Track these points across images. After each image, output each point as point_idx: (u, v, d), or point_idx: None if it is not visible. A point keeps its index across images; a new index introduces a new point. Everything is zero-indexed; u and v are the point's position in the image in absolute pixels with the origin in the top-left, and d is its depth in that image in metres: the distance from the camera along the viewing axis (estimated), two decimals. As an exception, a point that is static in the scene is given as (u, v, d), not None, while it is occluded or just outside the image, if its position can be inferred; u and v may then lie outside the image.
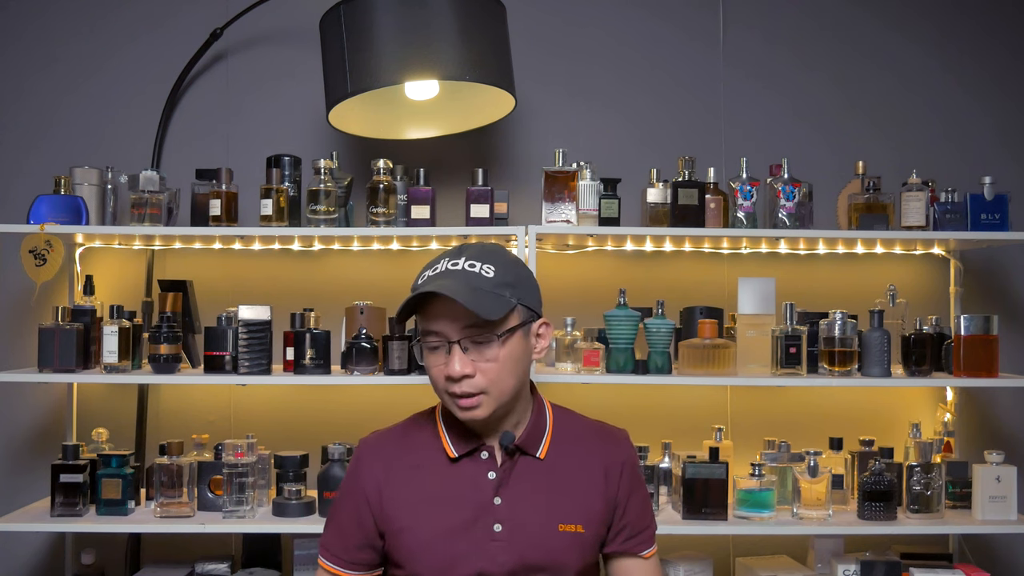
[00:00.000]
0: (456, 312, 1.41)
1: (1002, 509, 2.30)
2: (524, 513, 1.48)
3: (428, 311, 1.45)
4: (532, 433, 1.53)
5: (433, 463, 1.51)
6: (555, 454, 1.54)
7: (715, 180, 2.40)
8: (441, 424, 1.54)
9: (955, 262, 2.60)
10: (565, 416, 1.60)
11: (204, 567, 2.37)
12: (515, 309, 1.45)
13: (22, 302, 2.57)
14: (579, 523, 1.50)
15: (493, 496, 1.48)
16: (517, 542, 1.47)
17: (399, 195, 2.39)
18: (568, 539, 1.49)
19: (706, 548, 2.48)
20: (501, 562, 1.46)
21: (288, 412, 2.60)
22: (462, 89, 2.33)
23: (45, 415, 2.62)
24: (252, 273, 2.62)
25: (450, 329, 1.43)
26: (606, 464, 1.55)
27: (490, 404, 1.45)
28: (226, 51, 2.68)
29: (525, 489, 1.50)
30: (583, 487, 1.53)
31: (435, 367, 1.46)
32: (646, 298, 2.40)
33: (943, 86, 2.73)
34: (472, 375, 1.43)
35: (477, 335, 1.43)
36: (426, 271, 1.48)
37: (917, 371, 2.31)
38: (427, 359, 1.47)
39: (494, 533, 1.47)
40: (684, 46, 2.72)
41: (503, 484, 1.49)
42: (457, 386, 1.43)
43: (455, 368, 1.42)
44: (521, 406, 1.53)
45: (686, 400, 2.60)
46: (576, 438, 1.57)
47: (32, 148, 2.65)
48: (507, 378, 1.45)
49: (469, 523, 1.47)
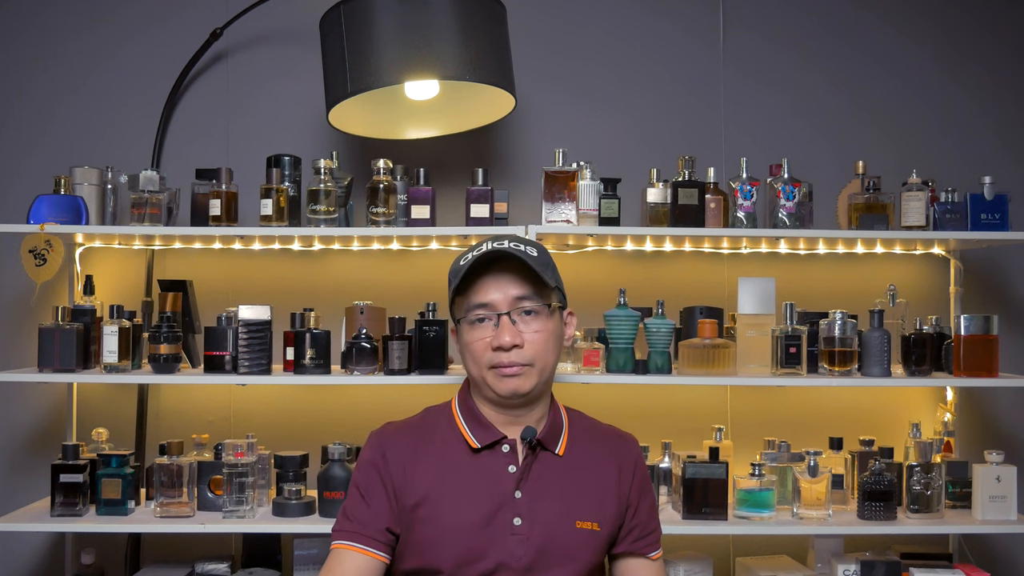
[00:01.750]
0: (509, 282, 1.50)
1: (1002, 509, 2.30)
2: (544, 508, 1.50)
3: (477, 285, 1.51)
4: (552, 429, 1.56)
5: (454, 455, 1.53)
6: (572, 452, 1.56)
7: (715, 180, 2.40)
8: (460, 417, 1.56)
9: (955, 262, 2.60)
10: (578, 417, 1.64)
11: (204, 567, 2.37)
12: (555, 290, 1.55)
13: (22, 302, 2.57)
14: (595, 521, 1.52)
15: (514, 490, 1.50)
16: (536, 536, 1.48)
17: (399, 195, 2.39)
18: (584, 536, 1.50)
19: (706, 548, 2.48)
20: (519, 556, 1.47)
21: (288, 412, 2.60)
22: (462, 89, 2.33)
23: (45, 415, 2.62)
24: (252, 273, 2.62)
25: (501, 300, 1.50)
26: (620, 465, 1.58)
27: (532, 377, 1.50)
28: (226, 51, 2.68)
29: (545, 484, 1.51)
30: (599, 486, 1.55)
31: (479, 340, 1.51)
32: (646, 298, 2.40)
33: (943, 86, 2.73)
34: (521, 345, 1.49)
35: (528, 306, 1.51)
36: (469, 253, 1.54)
37: (917, 371, 2.31)
38: (470, 333, 1.52)
39: (514, 527, 1.48)
40: (684, 46, 2.72)
41: (524, 478, 1.51)
42: (506, 355, 1.49)
43: (504, 338, 1.48)
44: (545, 400, 1.57)
45: (686, 400, 2.61)
46: (591, 438, 1.60)
47: (32, 148, 2.65)
48: (550, 353, 1.53)
49: (490, 516, 1.48)
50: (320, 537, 2.35)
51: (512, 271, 1.51)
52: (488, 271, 1.51)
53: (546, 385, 1.55)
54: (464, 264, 1.52)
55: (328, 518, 2.25)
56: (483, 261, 1.51)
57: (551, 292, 1.55)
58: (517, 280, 1.51)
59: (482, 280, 1.51)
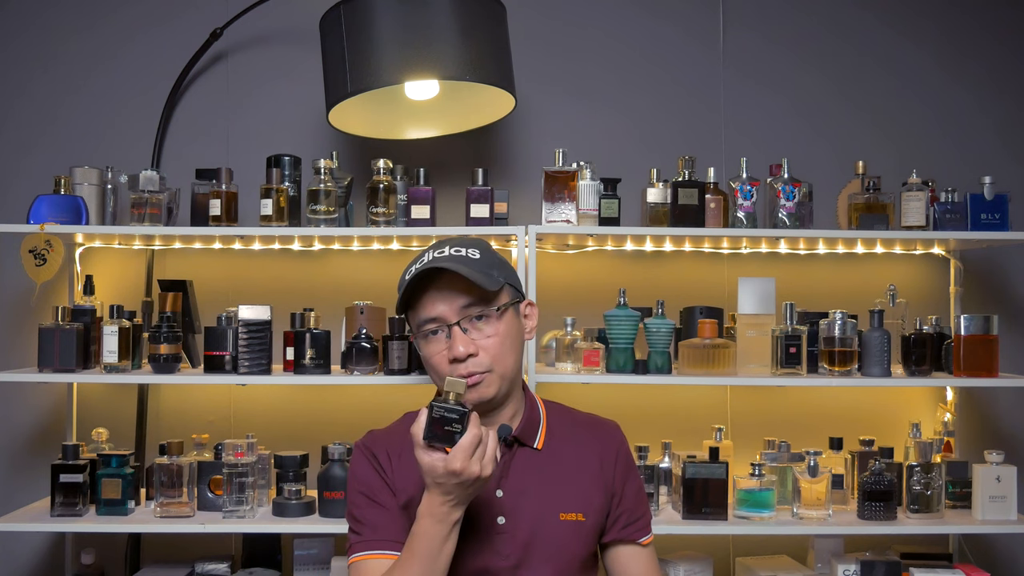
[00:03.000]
0: (453, 293, 1.47)
1: (1002, 509, 2.30)
2: (527, 504, 1.49)
3: (423, 300, 1.49)
4: (528, 425, 1.55)
5: None
6: (551, 445, 1.55)
7: (715, 180, 2.40)
8: None
9: (955, 262, 2.60)
10: (556, 409, 1.62)
11: (204, 567, 2.37)
12: (504, 287, 1.51)
13: (22, 302, 2.57)
14: (580, 512, 1.51)
15: (495, 489, 1.49)
16: (521, 533, 1.48)
17: (399, 195, 2.39)
18: (571, 528, 1.50)
19: (706, 548, 2.48)
20: (506, 554, 1.47)
21: (288, 412, 2.60)
22: (462, 89, 2.33)
23: (45, 415, 2.62)
24: (252, 273, 2.62)
25: (448, 311, 1.47)
26: (601, 453, 1.57)
27: (495, 382, 1.48)
28: (226, 51, 2.68)
29: (526, 480, 1.51)
30: (581, 476, 1.54)
31: (437, 354, 1.49)
32: (646, 298, 2.40)
33: (943, 86, 2.73)
34: (476, 354, 1.47)
35: (476, 312, 1.48)
36: (412, 266, 1.51)
37: (917, 371, 2.31)
38: (427, 348, 1.50)
39: (498, 526, 1.48)
40: (684, 46, 2.72)
41: (504, 476, 1.50)
42: (463, 367, 1.46)
43: (458, 349, 1.46)
44: (516, 397, 1.56)
45: (686, 400, 2.61)
46: (570, 429, 1.59)
47: (32, 148, 2.65)
48: (508, 354, 1.49)
49: (473, 517, 1.47)
50: (320, 537, 2.35)
51: (456, 279, 1.47)
52: (432, 283, 1.48)
53: (512, 385, 1.53)
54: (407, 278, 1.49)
55: (328, 518, 2.25)
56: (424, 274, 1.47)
57: (499, 292, 1.50)
58: (461, 288, 1.46)
59: (428, 293, 1.48)
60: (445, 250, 1.50)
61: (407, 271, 1.51)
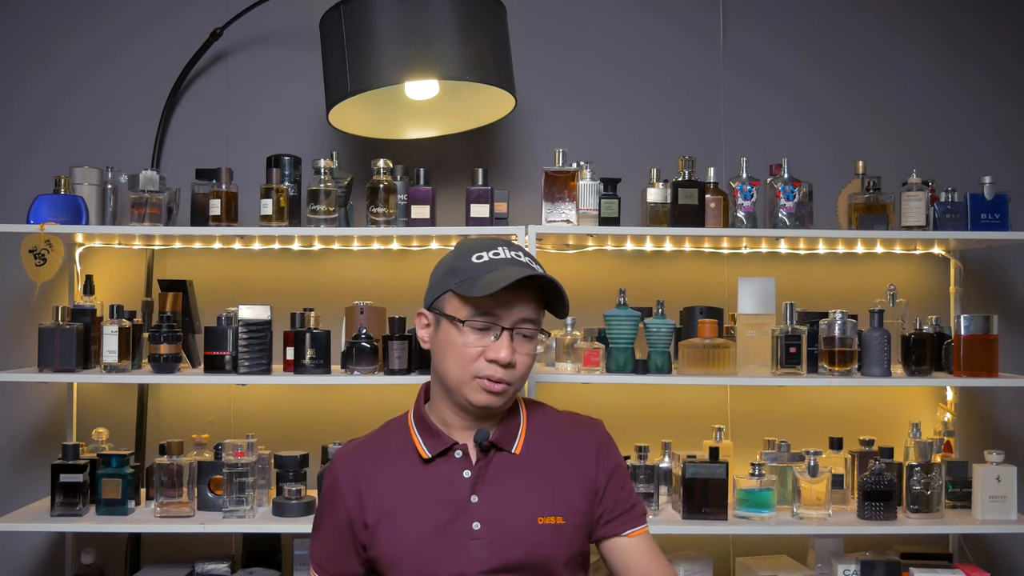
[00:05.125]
0: (524, 302, 1.47)
1: (1002, 509, 2.30)
2: (502, 509, 1.49)
3: (498, 295, 1.45)
4: (506, 430, 1.54)
5: (408, 467, 1.53)
6: (531, 449, 1.55)
7: (715, 180, 2.40)
8: (413, 427, 1.55)
9: (955, 262, 2.60)
10: (538, 410, 1.61)
11: (204, 567, 2.37)
12: None
13: (22, 302, 2.57)
14: (558, 515, 1.51)
15: (470, 494, 1.49)
16: (497, 539, 1.47)
17: (399, 195, 2.39)
18: (549, 532, 1.49)
19: (706, 548, 2.48)
20: (482, 560, 1.46)
21: (288, 412, 2.60)
22: (462, 89, 2.33)
23: (45, 415, 2.62)
24: (252, 273, 2.62)
25: (505, 316, 1.47)
26: (580, 452, 1.56)
27: (509, 395, 1.50)
28: (226, 51, 2.68)
29: (502, 485, 1.50)
30: (560, 478, 1.54)
31: (475, 346, 1.47)
32: (646, 298, 2.40)
33: (943, 86, 2.73)
34: (513, 365, 1.47)
35: (529, 330, 1.49)
36: (484, 253, 1.49)
37: (917, 371, 2.31)
38: (467, 337, 1.48)
39: (473, 531, 1.47)
40: (684, 46, 2.72)
41: (479, 482, 1.50)
42: (502, 372, 1.46)
43: (502, 353, 1.45)
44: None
45: (686, 400, 2.60)
46: (550, 431, 1.58)
47: (32, 148, 2.65)
48: (527, 375, 1.52)
49: (447, 523, 1.47)
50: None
51: (530, 291, 1.47)
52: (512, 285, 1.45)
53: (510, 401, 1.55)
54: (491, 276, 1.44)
55: (328, 518, 2.25)
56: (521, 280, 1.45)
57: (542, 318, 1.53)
58: (530, 301, 1.48)
59: (503, 291, 1.44)
60: (520, 255, 1.50)
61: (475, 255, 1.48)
